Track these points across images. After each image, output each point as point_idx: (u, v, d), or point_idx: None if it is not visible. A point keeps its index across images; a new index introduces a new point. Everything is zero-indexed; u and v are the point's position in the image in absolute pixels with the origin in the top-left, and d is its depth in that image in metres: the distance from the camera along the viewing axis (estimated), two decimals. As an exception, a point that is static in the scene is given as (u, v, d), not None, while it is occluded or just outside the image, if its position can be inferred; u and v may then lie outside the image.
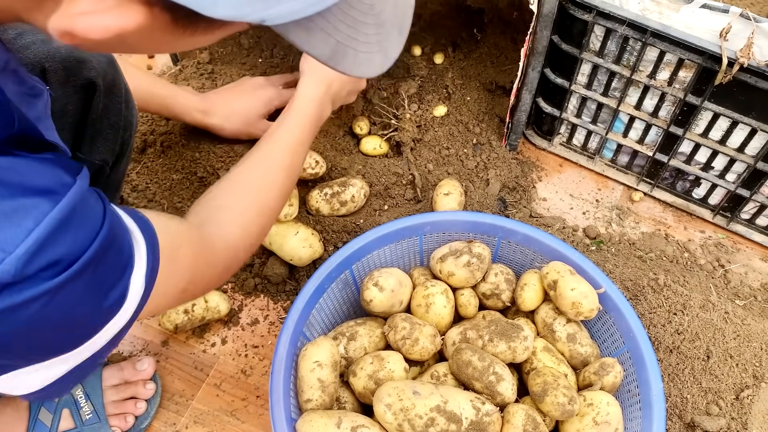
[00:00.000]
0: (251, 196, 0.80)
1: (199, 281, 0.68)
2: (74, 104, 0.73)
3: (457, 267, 0.94)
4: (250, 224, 0.78)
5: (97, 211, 0.48)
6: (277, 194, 0.83)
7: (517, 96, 1.14)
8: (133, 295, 0.51)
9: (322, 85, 0.96)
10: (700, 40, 0.94)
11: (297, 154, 0.88)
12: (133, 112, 0.83)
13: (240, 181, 0.81)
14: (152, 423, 1.00)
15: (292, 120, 0.90)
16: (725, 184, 1.12)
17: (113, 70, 0.76)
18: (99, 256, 0.46)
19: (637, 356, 0.88)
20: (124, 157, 0.83)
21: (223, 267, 0.73)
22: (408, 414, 0.78)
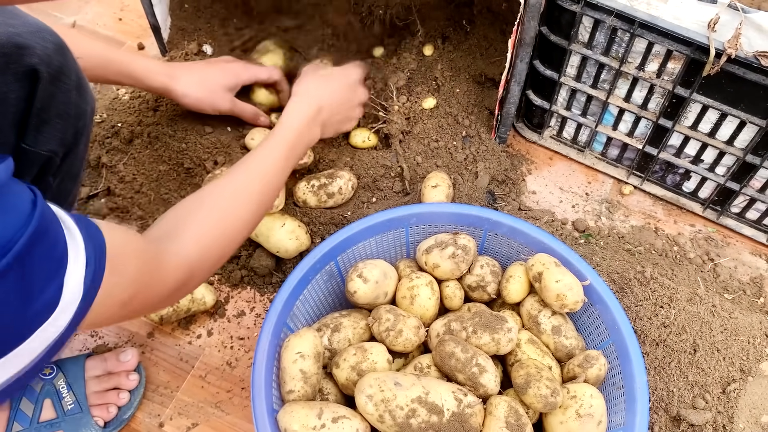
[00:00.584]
0: (216, 218, 0.77)
1: (145, 296, 0.64)
2: (15, 92, 0.69)
3: (443, 259, 0.93)
4: (210, 246, 0.75)
5: (22, 205, 0.45)
6: (245, 220, 0.81)
7: (506, 88, 1.14)
8: (68, 299, 0.48)
9: (309, 110, 0.95)
10: (688, 31, 0.93)
11: (271, 182, 0.87)
12: (86, 99, 0.79)
13: (208, 200, 0.79)
14: (136, 414, 0.99)
15: (272, 146, 0.89)
16: (715, 177, 1.11)
17: (61, 57, 0.73)
18: (26, 252, 0.43)
19: (622, 349, 0.87)
20: (79, 146, 0.80)
21: (174, 284, 0.70)
22: (389, 405, 0.77)
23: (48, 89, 0.71)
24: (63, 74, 0.73)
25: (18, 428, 0.91)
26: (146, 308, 0.70)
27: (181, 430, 0.99)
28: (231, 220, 0.79)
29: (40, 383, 0.95)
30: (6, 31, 0.67)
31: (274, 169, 0.88)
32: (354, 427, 0.78)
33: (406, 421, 0.77)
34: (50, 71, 0.71)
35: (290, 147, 0.91)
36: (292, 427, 0.78)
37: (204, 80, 1.10)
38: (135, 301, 0.62)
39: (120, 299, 0.59)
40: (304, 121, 0.94)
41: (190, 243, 0.73)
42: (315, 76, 1.06)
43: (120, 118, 1.21)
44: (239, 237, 0.81)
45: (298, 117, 0.94)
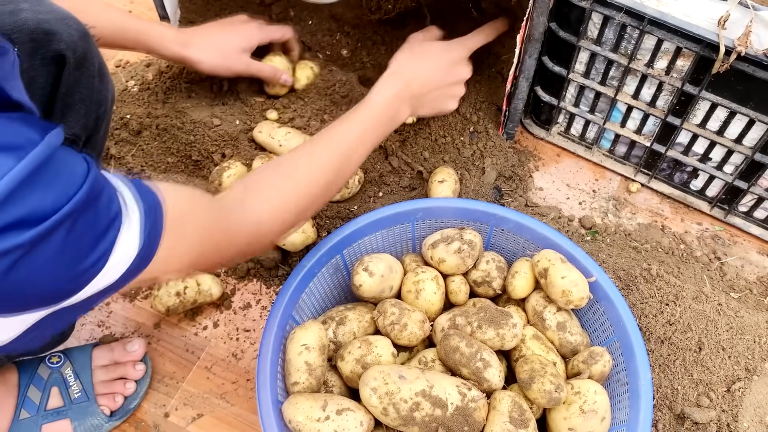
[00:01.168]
0: (293, 182, 0.78)
1: (212, 255, 0.67)
2: (43, 77, 0.72)
3: (448, 253, 0.93)
4: (283, 208, 0.77)
5: (75, 170, 0.47)
6: (320, 188, 0.82)
7: (514, 83, 1.13)
8: (120, 258, 0.50)
9: (399, 84, 0.94)
10: (698, 28, 0.93)
11: (351, 154, 0.86)
12: (108, 87, 0.81)
13: (287, 164, 0.80)
14: (142, 404, 1.00)
15: (359, 116, 0.88)
16: (723, 175, 1.11)
17: (85, 44, 0.75)
18: (75, 216, 0.45)
19: (627, 346, 0.87)
20: (100, 132, 0.82)
21: (244, 243, 0.72)
22: (393, 398, 0.78)
23: (73, 75, 0.74)
24: (87, 61, 0.76)
25: (25, 415, 0.92)
26: (215, 266, 0.73)
27: (187, 420, 0.99)
28: (305, 188, 0.80)
29: (48, 371, 0.95)
30: (35, 17, 0.70)
31: (355, 142, 0.87)
32: (358, 419, 0.78)
33: (409, 414, 0.77)
34: (75, 57, 0.73)
35: (374, 122, 0.90)
36: (296, 418, 0.78)
37: (219, 45, 1.11)
38: (203, 259, 0.65)
39: (185, 259, 0.61)
40: (391, 97, 0.93)
41: (263, 204, 0.74)
42: (411, 53, 1.03)
43: (129, 109, 1.21)
44: (313, 205, 0.82)
45: (385, 92, 0.93)
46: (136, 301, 1.10)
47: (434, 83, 1.02)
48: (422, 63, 1.02)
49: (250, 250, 0.75)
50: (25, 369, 0.95)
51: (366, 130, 0.89)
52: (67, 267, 0.47)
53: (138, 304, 1.09)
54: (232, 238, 0.70)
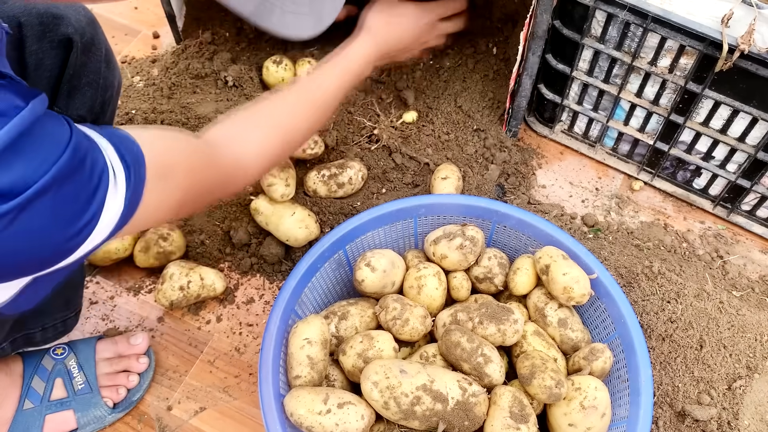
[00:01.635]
0: (276, 121, 0.81)
1: (199, 194, 0.68)
2: (51, 59, 0.73)
3: (450, 249, 0.94)
4: (267, 147, 0.79)
5: (58, 135, 0.47)
6: (303, 127, 0.85)
7: (517, 81, 1.14)
8: (109, 216, 0.51)
9: (372, 46, 0.97)
10: (701, 26, 0.93)
11: (328, 104, 0.90)
12: (114, 74, 0.83)
13: (269, 106, 0.82)
14: (145, 397, 1.01)
15: (335, 71, 0.92)
16: (726, 174, 1.11)
17: (92, 29, 0.77)
18: (60, 181, 0.46)
19: (628, 342, 0.88)
20: (106, 116, 0.84)
21: (223, 181, 0.73)
22: (394, 392, 0.78)
23: (80, 58, 0.75)
24: (94, 46, 0.77)
25: (29, 405, 0.93)
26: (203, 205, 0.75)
27: (189, 413, 1.00)
28: (290, 127, 0.83)
29: (52, 363, 0.96)
30: (45, 2, 0.72)
31: (330, 95, 0.90)
32: (359, 413, 0.79)
33: (410, 408, 0.78)
34: (83, 41, 0.75)
35: (352, 74, 0.94)
36: (298, 411, 0.79)
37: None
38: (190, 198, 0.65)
39: (171, 202, 0.62)
40: (364, 57, 0.96)
41: (248, 144, 0.77)
42: (386, 15, 1.04)
43: (134, 105, 1.22)
44: (295, 144, 0.87)
45: (359, 53, 0.96)
46: (140, 295, 1.10)
47: (403, 45, 1.06)
48: (396, 27, 1.04)
49: (232, 186, 0.77)
50: (29, 360, 0.96)
51: (340, 85, 0.92)
52: (58, 231, 0.47)
53: (142, 298, 1.10)
54: (216, 175, 0.71)
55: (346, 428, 0.78)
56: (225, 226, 1.13)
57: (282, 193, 1.07)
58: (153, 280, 1.12)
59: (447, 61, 1.27)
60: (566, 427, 0.84)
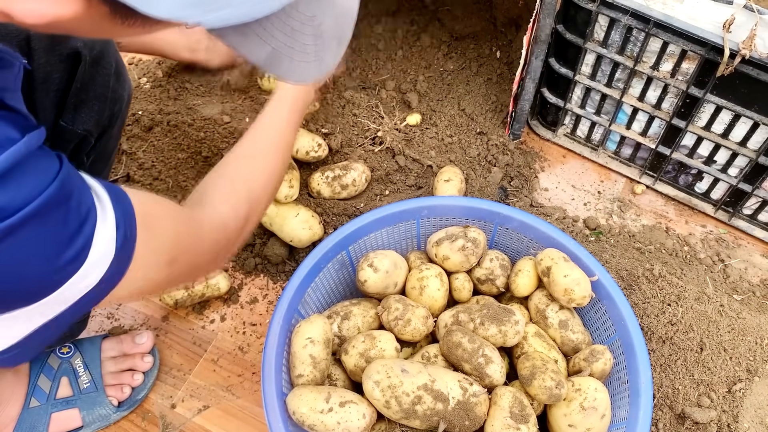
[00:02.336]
0: (240, 179, 0.80)
1: (188, 258, 0.66)
2: (59, 72, 0.73)
3: (452, 251, 0.95)
4: (239, 204, 0.78)
5: (48, 168, 0.48)
6: (266, 178, 0.83)
7: (521, 84, 1.15)
8: (98, 255, 0.50)
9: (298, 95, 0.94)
10: (703, 31, 0.93)
11: (283, 139, 0.88)
12: (124, 86, 0.83)
13: (229, 166, 0.81)
14: (149, 395, 1.02)
15: (275, 107, 0.91)
16: (727, 178, 1.12)
17: (103, 43, 0.76)
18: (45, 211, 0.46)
19: (628, 344, 0.88)
20: (113, 129, 0.84)
21: (212, 242, 0.72)
22: (395, 391, 0.79)
23: (88, 72, 0.75)
24: (103, 59, 0.77)
25: (35, 403, 0.94)
26: (194, 270, 0.71)
27: (193, 411, 1.01)
28: (254, 181, 0.82)
29: (58, 361, 0.97)
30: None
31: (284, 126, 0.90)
32: (361, 411, 0.80)
33: (411, 408, 0.79)
34: (92, 55, 0.75)
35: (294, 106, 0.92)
36: (300, 409, 0.79)
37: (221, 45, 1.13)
38: (180, 263, 0.64)
39: (163, 259, 0.61)
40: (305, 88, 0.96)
41: (220, 204, 0.75)
42: None
43: (141, 106, 1.23)
44: (265, 196, 0.84)
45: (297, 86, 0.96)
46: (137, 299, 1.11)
47: None
48: None
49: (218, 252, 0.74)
50: (36, 359, 0.97)
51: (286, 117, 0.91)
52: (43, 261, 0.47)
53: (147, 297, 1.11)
54: (201, 237, 0.70)
55: (347, 427, 0.79)
56: (229, 226, 1.14)
57: (286, 195, 1.08)
58: (158, 280, 1.13)
59: (451, 65, 1.29)
60: (566, 428, 0.84)
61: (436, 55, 1.30)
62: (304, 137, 1.15)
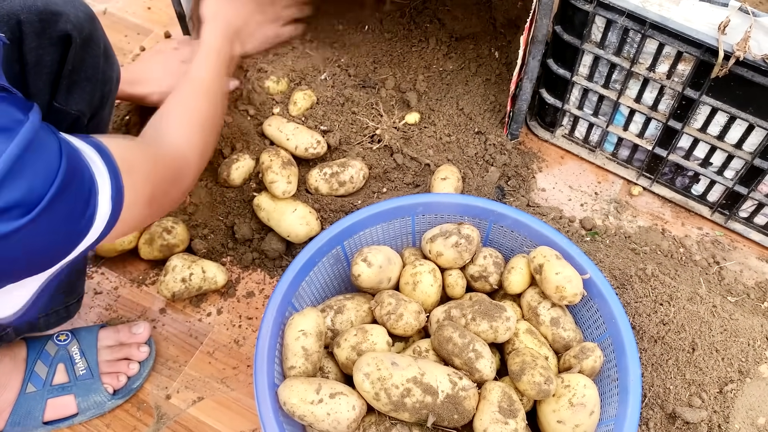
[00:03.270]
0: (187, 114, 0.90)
1: (161, 188, 0.73)
2: (50, 55, 0.75)
3: (446, 247, 0.95)
4: (192, 135, 0.88)
5: (52, 146, 0.51)
6: (210, 113, 0.94)
7: (518, 85, 1.15)
8: (102, 215, 0.56)
9: (220, 26, 1.04)
10: (698, 32, 0.94)
11: (214, 84, 0.98)
12: (113, 68, 0.85)
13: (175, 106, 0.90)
14: (144, 385, 1.03)
15: (200, 59, 1.00)
16: (723, 180, 1.12)
17: (91, 25, 0.78)
18: (62, 190, 0.50)
19: (618, 342, 0.89)
20: (105, 109, 0.86)
21: (176, 173, 0.80)
22: (385, 383, 0.80)
23: (79, 54, 0.77)
24: (92, 41, 0.79)
25: (32, 389, 0.96)
26: (167, 202, 0.79)
27: (187, 402, 1.02)
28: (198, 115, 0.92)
29: (55, 348, 0.99)
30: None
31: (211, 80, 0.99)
32: (351, 403, 0.81)
33: (400, 400, 0.79)
34: (81, 37, 0.76)
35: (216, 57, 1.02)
36: (291, 400, 0.80)
37: (159, 75, 1.14)
38: (157, 196, 0.71)
39: (145, 195, 0.67)
40: (218, 36, 1.04)
41: (176, 138, 0.84)
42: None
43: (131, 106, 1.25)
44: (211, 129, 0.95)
45: (213, 35, 1.04)
46: (144, 286, 1.13)
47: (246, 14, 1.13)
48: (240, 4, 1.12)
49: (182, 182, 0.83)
50: (33, 345, 0.99)
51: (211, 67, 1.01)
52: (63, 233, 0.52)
53: (145, 289, 1.13)
54: (168, 170, 0.77)
55: (337, 418, 0.80)
56: (228, 221, 1.16)
57: (284, 190, 1.09)
58: (156, 272, 1.14)
59: (450, 65, 1.30)
60: (555, 424, 0.85)
61: (435, 55, 1.31)
62: (303, 134, 1.16)
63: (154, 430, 1.00)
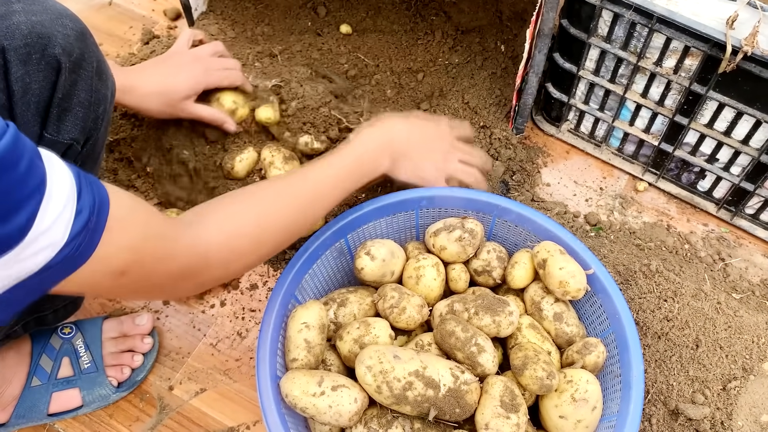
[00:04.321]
0: (249, 213, 0.74)
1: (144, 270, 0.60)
2: (38, 82, 0.68)
3: (449, 241, 0.95)
4: (234, 238, 0.71)
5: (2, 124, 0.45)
6: (280, 224, 0.78)
7: (524, 79, 1.15)
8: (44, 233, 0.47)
9: (383, 136, 0.92)
10: (706, 27, 0.93)
11: (321, 197, 0.83)
12: (107, 84, 0.78)
13: (246, 195, 0.76)
14: (148, 377, 1.03)
15: (335, 161, 0.86)
16: (729, 177, 1.11)
17: (82, 44, 0.71)
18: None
19: (622, 338, 0.88)
20: (99, 130, 0.78)
21: (182, 266, 0.66)
22: (387, 376, 0.80)
23: (69, 78, 0.71)
24: (84, 61, 0.72)
25: (37, 383, 0.96)
26: (146, 286, 0.65)
27: (190, 394, 1.02)
28: (265, 220, 0.75)
29: (60, 342, 0.99)
30: (28, 20, 0.67)
31: (327, 186, 0.85)
32: (352, 396, 0.81)
33: (402, 393, 0.79)
34: (72, 60, 0.70)
35: (350, 169, 0.88)
36: (293, 392, 0.81)
37: (159, 91, 1.03)
38: (132, 273, 0.58)
39: (114, 265, 0.56)
40: (371, 147, 0.91)
41: (212, 229, 0.69)
42: (405, 117, 1.00)
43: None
44: (270, 240, 0.77)
45: (367, 143, 0.91)
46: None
47: (419, 142, 0.98)
48: (408, 121, 0.99)
49: (189, 281, 0.68)
50: (38, 339, 0.99)
51: (340, 176, 0.87)
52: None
53: (149, 280, 1.13)
54: (171, 254, 0.63)
55: (339, 410, 0.80)
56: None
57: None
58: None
59: (456, 58, 1.29)
60: (557, 419, 0.85)
61: (441, 48, 1.30)
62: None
63: (157, 421, 1.00)
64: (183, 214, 0.73)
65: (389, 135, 0.94)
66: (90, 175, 0.54)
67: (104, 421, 1.00)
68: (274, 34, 1.34)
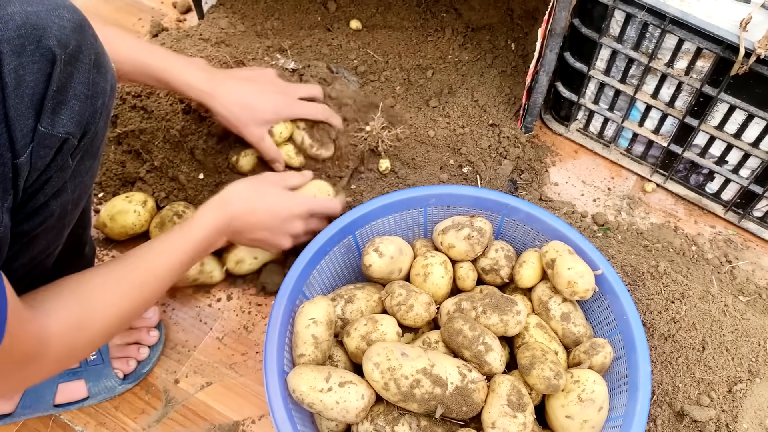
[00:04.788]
0: (89, 301, 0.75)
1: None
2: (32, 74, 0.66)
3: (458, 240, 0.95)
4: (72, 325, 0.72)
5: None
6: (119, 309, 0.78)
7: (534, 77, 1.15)
8: None
9: (223, 216, 0.92)
10: (719, 29, 0.93)
11: (160, 281, 0.84)
12: (106, 78, 0.75)
13: (86, 286, 0.76)
14: (154, 369, 1.03)
15: (173, 246, 0.86)
16: (738, 179, 1.11)
17: (79, 36, 0.69)
18: None
19: (629, 339, 0.88)
20: (98, 124, 0.75)
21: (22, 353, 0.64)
22: (394, 374, 0.80)
23: (64, 71, 0.69)
24: (81, 54, 0.70)
25: (42, 373, 0.96)
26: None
27: (196, 387, 1.03)
28: (102, 307, 0.76)
29: (66, 332, 0.99)
30: (23, 10, 0.65)
31: (168, 268, 0.85)
32: (360, 392, 0.81)
33: (410, 391, 0.80)
34: (67, 52, 0.68)
35: (191, 252, 0.88)
36: (300, 388, 0.81)
37: (244, 107, 1.04)
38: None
39: None
40: (212, 229, 0.90)
41: (51, 316, 0.70)
42: (251, 187, 0.98)
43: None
44: (107, 325, 0.77)
45: (206, 223, 0.90)
46: None
47: (260, 226, 0.97)
48: (256, 203, 0.97)
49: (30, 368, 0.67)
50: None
51: (182, 258, 0.87)
52: None
53: (155, 273, 1.13)
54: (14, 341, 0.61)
55: (346, 407, 0.80)
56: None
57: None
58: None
59: (465, 55, 1.29)
60: (563, 419, 0.85)
61: (451, 45, 1.30)
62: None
63: (162, 413, 1.00)
64: (40, 289, 0.72)
65: (231, 215, 0.93)
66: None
67: (110, 413, 1.00)
68: (284, 28, 1.34)
